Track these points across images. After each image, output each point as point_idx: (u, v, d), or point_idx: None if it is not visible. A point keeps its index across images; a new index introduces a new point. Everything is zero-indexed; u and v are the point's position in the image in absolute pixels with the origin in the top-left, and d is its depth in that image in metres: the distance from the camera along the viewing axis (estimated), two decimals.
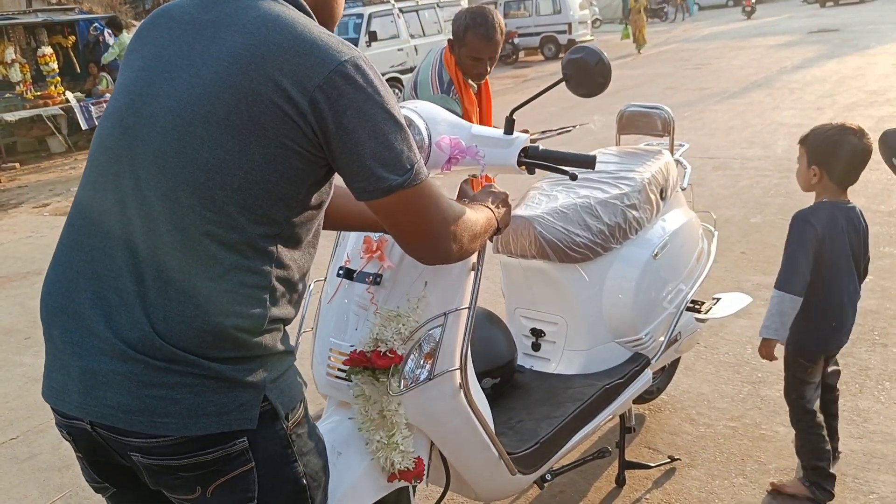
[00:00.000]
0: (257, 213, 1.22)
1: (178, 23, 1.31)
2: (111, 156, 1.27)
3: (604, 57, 1.85)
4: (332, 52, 1.22)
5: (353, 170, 1.25)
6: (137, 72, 1.30)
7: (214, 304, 1.20)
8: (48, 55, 12.81)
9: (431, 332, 1.80)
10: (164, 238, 1.20)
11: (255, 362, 1.24)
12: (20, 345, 4.67)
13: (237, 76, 1.20)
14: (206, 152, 1.20)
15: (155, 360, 1.18)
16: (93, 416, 1.23)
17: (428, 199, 1.32)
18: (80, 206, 1.30)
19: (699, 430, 2.99)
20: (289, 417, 1.30)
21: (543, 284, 2.52)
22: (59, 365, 1.27)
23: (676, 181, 2.81)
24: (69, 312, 1.25)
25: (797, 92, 10.79)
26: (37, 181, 10.54)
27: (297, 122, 1.20)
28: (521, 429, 2.20)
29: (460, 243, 1.41)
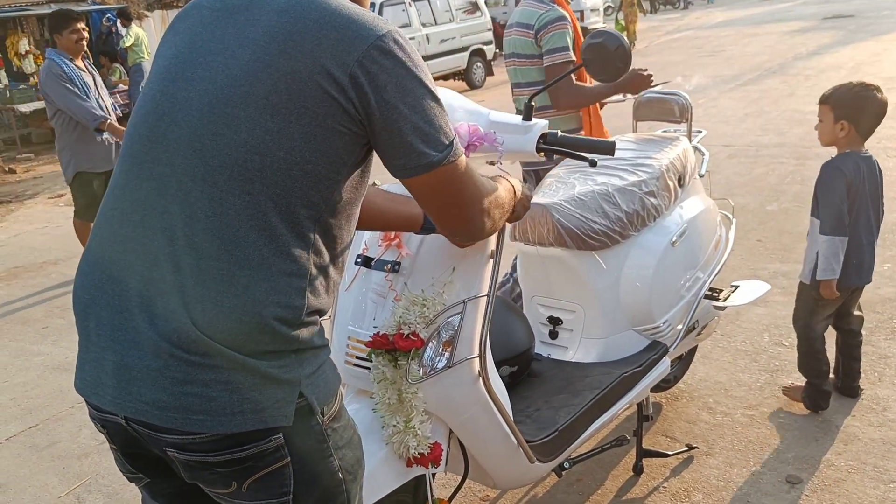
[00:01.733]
0: (297, 196, 1.20)
1: (211, 10, 1.30)
2: (145, 143, 1.26)
3: (624, 42, 1.83)
4: (369, 27, 1.21)
5: (394, 146, 1.24)
6: (171, 59, 1.29)
7: (254, 294, 1.18)
8: None
9: (450, 319, 1.80)
10: (201, 224, 1.18)
11: (291, 357, 1.22)
12: (38, 334, 4.71)
13: (275, 55, 1.19)
14: (245, 133, 1.18)
15: (190, 355, 1.17)
16: (127, 412, 1.22)
17: (465, 174, 1.31)
18: (113, 196, 1.29)
19: (717, 418, 2.98)
20: (324, 412, 1.28)
21: (561, 272, 2.51)
22: (93, 358, 1.25)
23: (694, 168, 2.78)
24: (103, 304, 1.24)
25: (812, 79, 10.67)
26: (51, 172, 10.58)
27: (337, 98, 1.19)
28: (539, 417, 2.20)
29: (493, 219, 1.42)
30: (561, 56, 3.16)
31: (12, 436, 3.49)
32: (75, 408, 3.64)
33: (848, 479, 2.56)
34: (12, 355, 4.41)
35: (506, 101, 1.83)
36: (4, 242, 7.08)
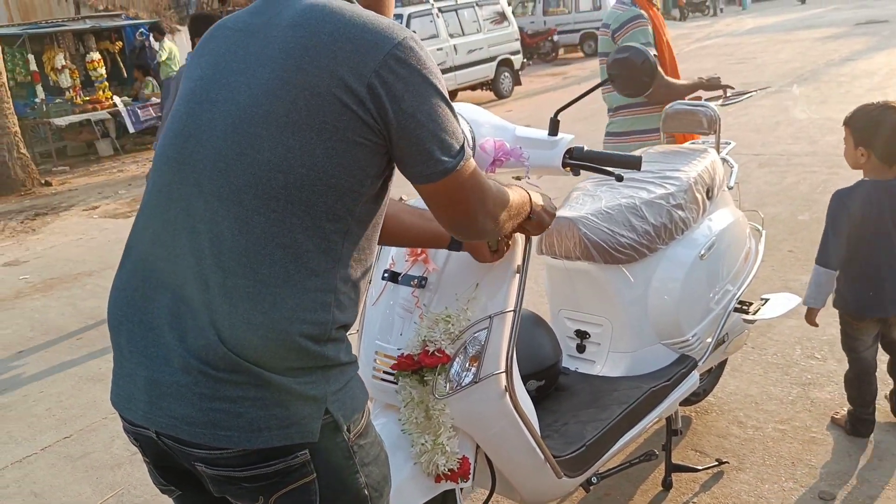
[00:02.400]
0: (321, 210, 1.22)
1: (233, 31, 1.33)
2: (173, 164, 1.29)
3: (650, 56, 1.83)
4: (384, 35, 1.22)
5: (412, 154, 1.26)
6: (196, 81, 1.32)
7: (280, 311, 1.20)
8: (96, 61, 13.17)
9: (477, 334, 1.81)
10: (228, 243, 1.20)
11: (317, 374, 1.24)
12: (72, 345, 4.79)
13: (293, 72, 1.20)
14: (268, 152, 1.20)
15: (218, 372, 1.19)
16: (158, 427, 1.24)
17: (473, 177, 1.32)
18: (144, 215, 1.32)
19: (747, 432, 2.95)
20: (350, 429, 1.29)
21: (588, 286, 2.50)
22: (126, 373, 1.29)
23: (723, 180, 2.76)
24: (135, 321, 1.27)
25: (845, 85, 10.53)
26: (86, 184, 10.80)
27: (356, 110, 1.20)
28: (566, 431, 2.19)
29: (496, 221, 1.42)
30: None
31: (47, 446, 3.55)
32: (108, 418, 3.70)
33: (882, 496, 2.52)
34: (47, 366, 4.50)
35: (533, 111, 1.81)
36: (40, 254, 7.22)
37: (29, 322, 5.32)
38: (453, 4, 14.50)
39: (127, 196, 9.46)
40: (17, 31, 12.75)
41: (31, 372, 4.44)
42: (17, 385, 4.28)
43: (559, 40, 20.85)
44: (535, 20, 21.97)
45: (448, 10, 14.26)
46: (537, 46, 20.72)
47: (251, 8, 1.35)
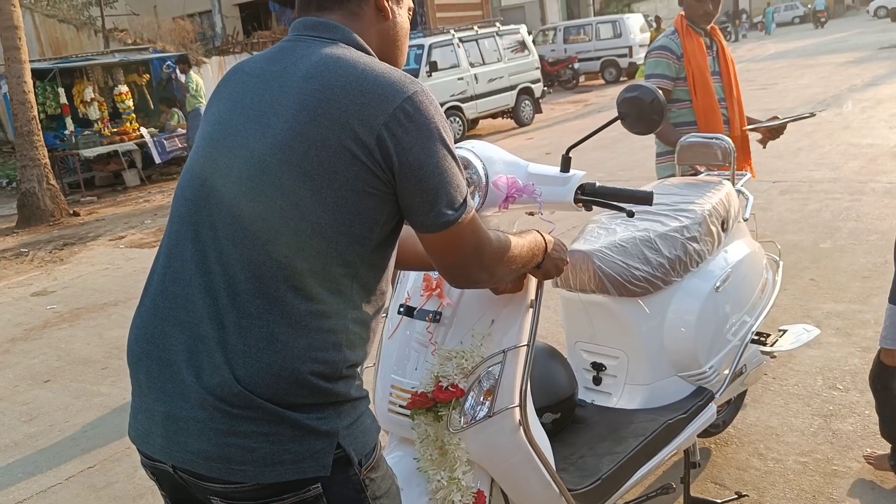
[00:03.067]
0: (331, 256, 1.26)
1: (250, 76, 1.38)
2: (191, 207, 1.34)
3: (658, 95, 1.86)
4: (394, 89, 1.27)
5: (416, 204, 1.29)
6: (214, 125, 1.38)
7: (292, 350, 1.24)
8: (124, 93, 13.45)
9: (491, 369, 1.83)
10: (242, 285, 1.25)
11: (329, 409, 1.27)
12: (97, 375, 4.86)
13: (305, 123, 1.25)
14: (280, 200, 1.25)
15: (232, 408, 1.23)
16: (174, 461, 1.29)
17: (472, 232, 1.35)
18: (164, 255, 1.36)
19: (768, 465, 2.92)
20: (362, 463, 1.31)
21: (603, 318, 2.52)
22: (144, 408, 1.33)
23: (738, 212, 2.77)
24: (154, 358, 1.31)
25: (868, 111, 10.49)
26: (113, 214, 10.98)
27: (365, 162, 1.24)
28: (582, 465, 2.19)
29: (491, 272, 1.45)
30: (653, 82, 3.43)
31: (71, 476, 3.60)
32: (131, 448, 3.72)
33: None
34: (73, 396, 4.56)
35: (554, 139, 1.81)
36: (68, 284, 7.34)
37: (56, 352, 5.40)
38: (474, 35, 14.66)
39: (153, 226, 9.61)
40: (48, 65, 13.08)
41: (58, 401, 4.50)
42: (44, 414, 4.34)
43: (580, 68, 20.98)
44: (556, 48, 22.12)
45: (469, 40, 14.42)
46: (558, 74, 20.85)
47: (268, 54, 1.40)
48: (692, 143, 2.98)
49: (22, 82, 10.36)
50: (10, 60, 10.30)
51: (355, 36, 1.38)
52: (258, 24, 22.59)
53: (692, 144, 2.98)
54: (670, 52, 3.55)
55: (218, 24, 21.08)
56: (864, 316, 4.09)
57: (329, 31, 1.37)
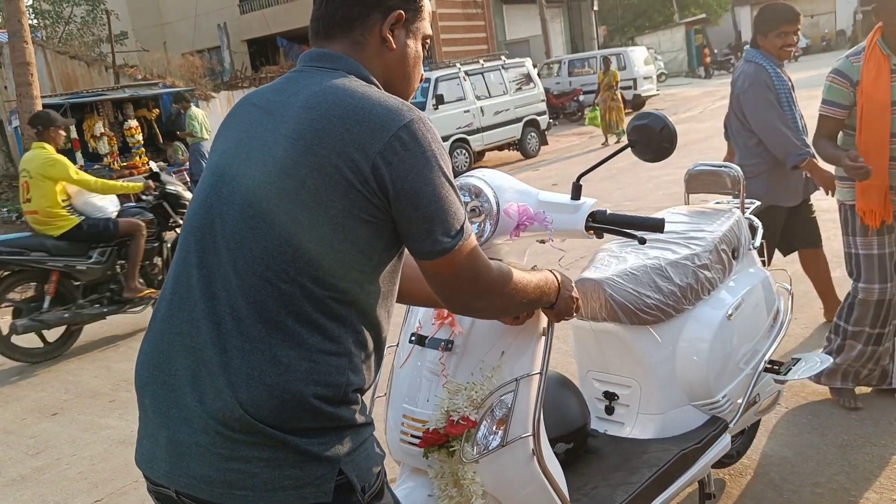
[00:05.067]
0: (331, 283, 1.27)
1: (256, 107, 1.40)
2: (197, 234, 1.35)
3: (669, 122, 1.87)
4: (390, 117, 1.28)
5: (413, 231, 1.31)
6: (221, 154, 1.40)
7: (295, 373, 1.24)
8: (134, 128, 13.59)
9: (503, 398, 1.82)
10: (244, 310, 1.26)
11: (331, 434, 1.27)
12: (105, 407, 4.84)
13: (302, 152, 1.27)
14: (278, 227, 1.26)
15: (235, 433, 1.23)
16: (178, 486, 1.29)
17: (470, 259, 1.35)
18: (171, 281, 1.38)
19: (784, 496, 2.88)
20: (365, 490, 1.31)
21: (615, 347, 2.50)
22: (149, 433, 1.34)
23: (748, 240, 2.77)
24: (159, 383, 1.32)
25: None
26: None
27: (361, 190, 1.26)
28: (595, 495, 2.17)
29: (491, 302, 1.44)
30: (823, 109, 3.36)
31: None
32: (139, 482, 3.71)
33: None
34: (81, 429, 4.55)
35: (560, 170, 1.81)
36: None
37: (63, 384, 5.39)
38: (480, 68, 14.81)
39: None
40: (59, 101, 13.23)
41: (65, 434, 4.49)
42: (51, 447, 4.32)
43: (584, 100, 21.11)
44: (561, 81, 22.31)
45: (474, 73, 14.56)
46: (563, 107, 21.00)
47: (274, 85, 1.43)
48: (701, 171, 2.99)
49: None
50: (21, 96, 10.43)
51: (359, 65, 1.40)
52: (266, 59, 22.90)
53: (701, 173, 2.98)
54: (845, 79, 3.16)
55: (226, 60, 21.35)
56: None
57: (333, 62, 1.40)
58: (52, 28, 21.09)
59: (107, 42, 18.35)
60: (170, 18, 24.65)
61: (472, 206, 1.89)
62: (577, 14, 30.91)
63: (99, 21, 19.84)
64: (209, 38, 22.83)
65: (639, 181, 9.86)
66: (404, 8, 1.44)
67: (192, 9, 22.86)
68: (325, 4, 1.44)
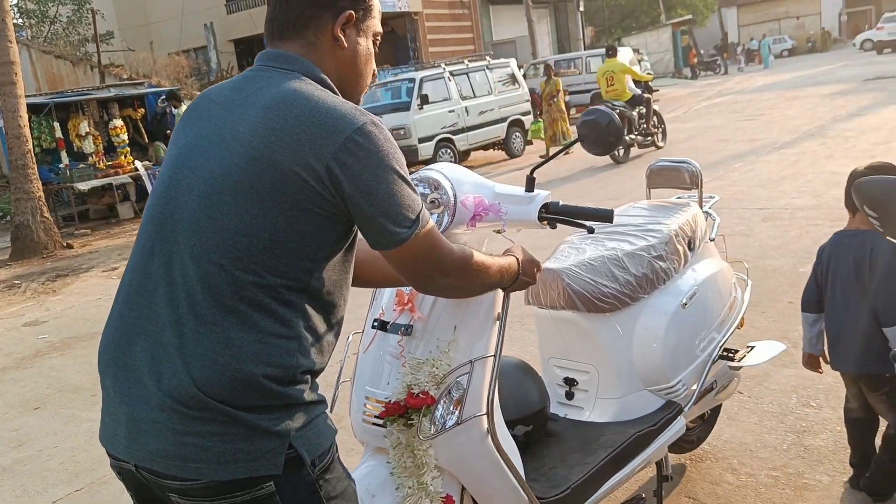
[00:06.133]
0: (283, 271, 1.36)
1: (216, 104, 1.49)
2: (157, 223, 1.44)
3: (615, 118, 1.97)
4: (344, 122, 1.36)
5: (368, 226, 1.40)
6: (181, 148, 1.48)
7: (246, 354, 1.33)
8: (119, 127, 13.61)
9: (459, 379, 1.91)
10: (199, 295, 1.34)
11: (281, 411, 1.36)
12: (87, 402, 4.91)
13: (260, 148, 1.35)
14: (235, 217, 1.35)
15: (189, 409, 1.32)
16: (136, 460, 1.38)
17: (429, 243, 1.45)
18: (131, 268, 1.47)
19: (741, 479, 2.99)
20: (315, 464, 1.39)
21: (575, 334, 2.60)
22: (110, 412, 1.43)
23: (705, 232, 2.87)
24: (120, 364, 1.41)
25: (851, 140, 10.67)
26: (106, 246, 11.07)
27: (315, 186, 1.34)
28: (552, 475, 2.26)
29: (458, 280, 1.55)
30: None
31: (59, 499, 3.64)
32: None
33: None
34: (62, 422, 4.61)
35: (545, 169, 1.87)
36: (60, 314, 7.40)
37: (46, 380, 5.45)
38: (465, 68, 14.92)
39: None
40: (44, 100, 13.26)
41: (47, 428, 4.55)
42: (32, 440, 4.39)
43: (569, 101, 21.18)
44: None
45: (459, 73, 14.67)
46: None
47: (233, 83, 1.52)
48: (661, 167, 3.09)
49: (17, 116, 10.52)
50: (6, 95, 10.46)
51: (313, 67, 1.49)
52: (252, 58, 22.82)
53: (661, 169, 3.09)
54: None
55: (213, 60, 21.35)
56: None
57: (289, 63, 1.48)
58: (38, 27, 21.06)
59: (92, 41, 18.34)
60: (156, 18, 24.62)
61: (431, 198, 1.98)
62: (564, 15, 31.10)
63: (84, 20, 19.82)
64: (196, 38, 22.82)
65: (619, 179, 10.00)
66: (354, 8, 1.52)
67: (179, 8, 22.84)
68: (278, 7, 1.52)
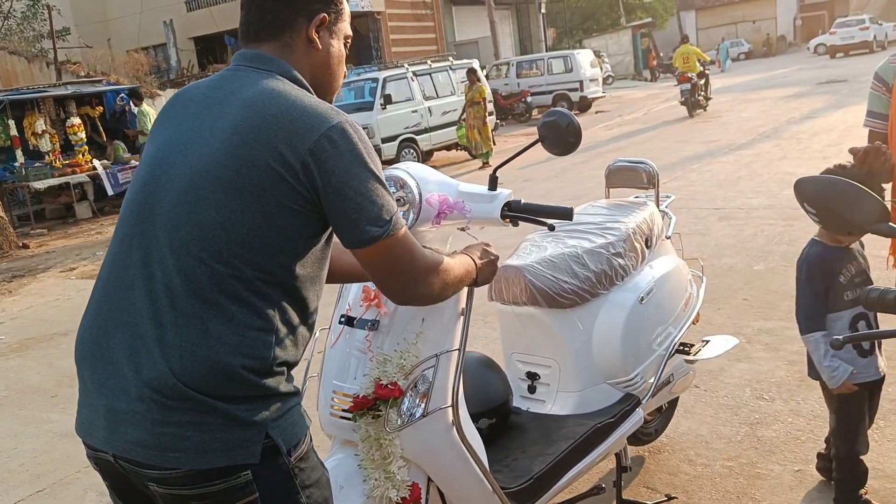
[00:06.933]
0: (260, 265, 1.40)
1: (194, 101, 1.52)
2: (135, 218, 1.47)
3: (574, 119, 2.04)
4: (320, 119, 1.41)
5: (341, 223, 1.44)
6: (159, 145, 1.52)
7: (224, 345, 1.36)
8: (76, 125, 13.37)
9: (425, 372, 1.96)
10: (178, 288, 1.38)
11: (258, 402, 1.40)
12: (47, 402, 4.85)
13: (238, 146, 1.39)
14: (213, 212, 1.38)
15: (168, 400, 1.35)
16: (115, 450, 1.40)
17: (403, 247, 1.49)
18: (108, 262, 1.49)
19: (696, 469, 3.09)
20: (291, 453, 1.43)
21: (536, 330, 2.67)
22: (88, 403, 1.45)
23: (661, 230, 2.97)
24: (98, 356, 1.43)
25: (805, 142, 10.96)
26: (64, 246, 10.89)
27: (291, 182, 1.39)
28: (515, 466, 2.33)
29: (431, 287, 1.58)
30: (867, 123, 2.74)
31: (20, 500, 3.61)
32: (81, 472, 3.77)
33: None
34: (22, 423, 4.56)
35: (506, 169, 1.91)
36: (17, 315, 7.28)
37: (4, 381, 5.37)
38: (428, 69, 14.96)
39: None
40: None
41: (6, 429, 4.49)
42: None
43: (532, 101, 21.42)
44: (509, 82, 22.58)
45: (422, 73, 14.72)
46: (511, 108, 21.27)
47: (210, 81, 1.56)
48: (620, 167, 3.18)
49: None
50: None
51: (289, 67, 1.53)
52: (213, 57, 22.66)
53: (620, 168, 3.17)
54: (881, 83, 2.59)
55: (172, 57, 21.10)
56: (791, 332, 4.29)
57: (266, 64, 1.52)
58: None
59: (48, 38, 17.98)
60: (114, 14, 24.21)
61: (397, 197, 2.03)
62: (526, 16, 31.32)
63: (40, 16, 19.41)
64: (155, 36, 22.50)
65: (580, 180, 10.14)
66: (327, 11, 1.57)
67: (138, 5, 22.50)
68: (253, 9, 1.56)
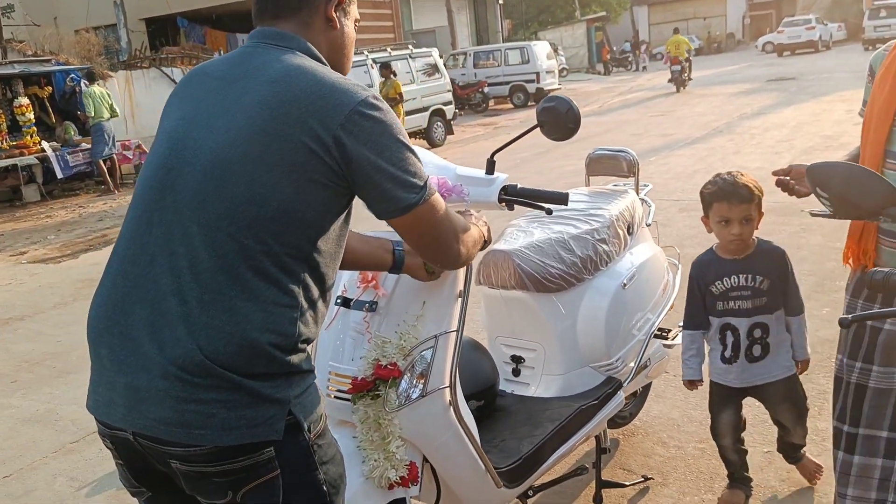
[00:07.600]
0: (288, 240, 1.40)
1: (212, 78, 1.52)
2: (155, 194, 1.45)
3: (573, 105, 2.08)
4: (349, 94, 1.43)
5: (376, 194, 1.46)
6: (177, 121, 1.50)
7: (251, 322, 1.37)
8: (24, 105, 12.97)
9: (423, 353, 1.99)
10: (205, 264, 1.37)
11: (282, 379, 1.41)
12: (7, 388, 4.74)
13: (269, 120, 1.40)
14: (243, 187, 1.38)
15: (193, 377, 1.34)
16: (136, 428, 1.39)
17: (439, 210, 1.54)
18: (125, 238, 1.47)
19: (670, 451, 3.18)
20: (311, 429, 1.45)
21: (522, 313, 2.72)
22: (105, 381, 1.43)
23: (642, 218, 3.03)
24: (115, 333, 1.42)
25: (757, 137, 11.24)
26: (12, 230, 10.58)
27: (323, 157, 1.40)
28: (504, 447, 2.37)
29: (467, 247, 1.65)
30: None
31: None
32: (49, 457, 3.70)
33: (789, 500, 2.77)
34: None
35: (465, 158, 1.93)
36: None
37: None
38: (387, 56, 14.89)
39: (57, 241, 9.33)
40: None
41: None
42: None
43: (489, 92, 21.51)
44: (467, 72, 22.62)
45: (382, 61, 14.63)
46: (469, 98, 21.33)
47: (229, 58, 1.55)
48: (600, 155, 3.24)
49: None
50: None
51: (309, 45, 1.54)
52: (165, 39, 22.16)
53: (600, 157, 3.23)
54: (870, 72, 2.23)
55: (123, 38, 20.56)
56: None
57: (286, 41, 1.53)
58: None
59: None
60: None
61: None
62: (483, 7, 31.32)
63: None
64: (104, 15, 21.85)
65: (542, 171, 10.24)
66: None
67: None
68: None
